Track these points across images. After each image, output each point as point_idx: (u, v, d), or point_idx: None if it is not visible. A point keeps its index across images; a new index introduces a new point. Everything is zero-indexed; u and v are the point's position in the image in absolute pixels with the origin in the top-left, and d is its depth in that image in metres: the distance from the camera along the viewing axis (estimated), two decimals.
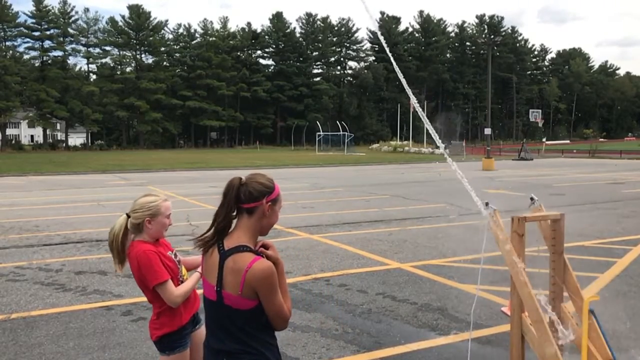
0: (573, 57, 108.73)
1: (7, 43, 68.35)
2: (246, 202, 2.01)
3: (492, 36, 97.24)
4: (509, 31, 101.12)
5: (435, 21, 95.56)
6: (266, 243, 2.08)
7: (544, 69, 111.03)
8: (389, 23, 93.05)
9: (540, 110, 58.44)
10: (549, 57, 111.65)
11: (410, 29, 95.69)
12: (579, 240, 8.82)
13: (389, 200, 15.13)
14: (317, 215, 12.02)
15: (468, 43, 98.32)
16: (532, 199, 4.14)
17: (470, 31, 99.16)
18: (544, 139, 56.23)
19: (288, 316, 2.03)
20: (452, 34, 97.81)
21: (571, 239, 8.38)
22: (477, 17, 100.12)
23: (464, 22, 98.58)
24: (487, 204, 3.86)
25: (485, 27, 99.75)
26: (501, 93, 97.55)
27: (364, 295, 5.95)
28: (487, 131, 34.01)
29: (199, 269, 2.80)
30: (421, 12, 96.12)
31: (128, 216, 2.75)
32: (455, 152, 48.15)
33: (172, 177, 25.66)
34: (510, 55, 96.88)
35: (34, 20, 69.07)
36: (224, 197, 2.05)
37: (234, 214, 2.05)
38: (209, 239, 2.05)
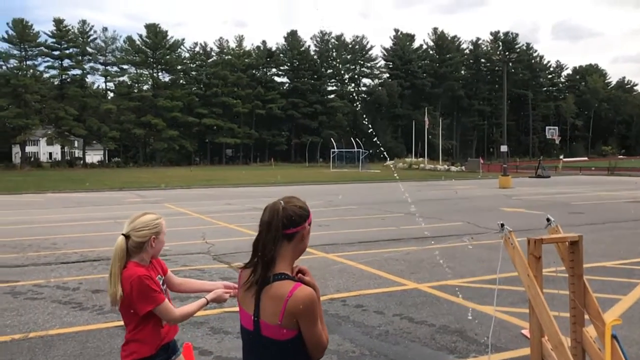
0: (589, 74, 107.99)
1: (28, 62, 69.87)
2: (288, 227, 1.94)
3: (507, 53, 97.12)
4: (524, 48, 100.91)
5: (449, 38, 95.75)
6: (302, 269, 2.00)
7: (560, 85, 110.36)
8: (403, 40, 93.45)
9: (556, 127, 57.97)
10: (564, 73, 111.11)
11: (425, 46, 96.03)
12: (600, 260, 8.66)
13: (405, 218, 15.04)
14: (332, 234, 11.98)
15: (483, 60, 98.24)
16: (548, 219, 4.09)
17: (485, 48, 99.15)
18: (561, 156, 55.69)
19: (326, 345, 1.95)
20: (467, 51, 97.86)
21: (591, 259, 8.24)
22: (491, 34, 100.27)
23: (478, 39, 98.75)
24: (502, 225, 3.83)
25: (500, 43, 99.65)
26: (517, 110, 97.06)
27: (381, 316, 5.90)
28: (504, 148, 33.77)
29: (208, 296, 2.75)
30: (435, 29, 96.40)
31: (126, 237, 2.62)
32: (471, 169, 47.85)
33: (188, 194, 25.82)
34: (525, 71, 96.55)
35: (54, 40, 70.54)
36: (268, 225, 1.93)
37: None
38: (259, 275, 1.93)
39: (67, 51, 71.39)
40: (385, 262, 8.78)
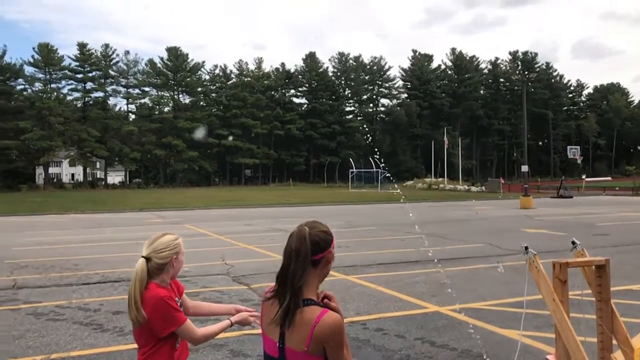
0: (611, 92, 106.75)
1: (52, 85, 71.49)
2: (315, 254, 1.92)
3: (526, 72, 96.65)
4: (544, 67, 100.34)
5: (468, 58, 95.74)
6: (328, 294, 1.97)
7: (581, 104, 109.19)
8: (421, 61, 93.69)
9: (578, 147, 57.15)
10: (585, 92, 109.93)
11: (443, 67, 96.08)
12: (627, 283, 8.44)
13: (425, 239, 14.90)
14: (352, 255, 11.90)
15: (502, 79, 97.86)
16: (573, 243, 4.01)
17: (504, 67, 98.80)
18: (583, 176, 54.85)
19: None
20: (486, 71, 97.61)
21: (618, 282, 8.03)
22: (510, 53, 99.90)
23: (497, 58, 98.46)
24: (526, 248, 3.76)
25: (519, 63, 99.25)
26: (537, 129, 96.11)
27: (402, 340, 5.81)
28: (524, 168, 33.40)
29: (233, 318, 2.73)
30: (453, 49, 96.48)
31: (146, 259, 2.60)
32: (492, 189, 47.36)
33: (208, 215, 25.97)
34: (545, 91, 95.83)
35: (77, 63, 72.17)
36: (297, 253, 1.90)
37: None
38: (287, 303, 1.88)
39: (90, 74, 72.94)
40: (406, 285, 8.68)
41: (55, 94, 70.13)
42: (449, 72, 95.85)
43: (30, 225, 20.95)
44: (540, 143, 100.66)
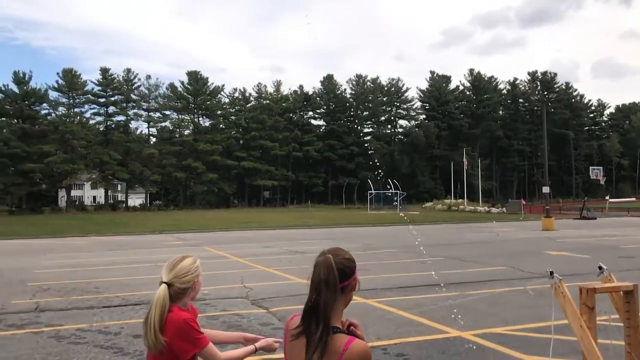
0: (633, 112, 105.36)
1: (76, 109, 73.03)
2: (342, 281, 1.92)
3: (545, 92, 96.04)
4: (563, 87, 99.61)
5: (486, 79, 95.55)
6: (353, 322, 1.96)
7: (603, 124, 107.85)
8: (439, 82, 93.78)
9: (601, 167, 56.22)
10: (607, 112, 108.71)
11: (461, 87, 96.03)
12: None
13: (446, 262, 14.72)
14: (371, 278, 11.78)
15: (521, 100, 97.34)
16: (600, 267, 3.92)
17: (523, 88, 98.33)
18: (607, 197, 53.90)
19: None
20: (504, 91, 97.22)
21: None
22: (529, 73, 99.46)
23: (515, 79, 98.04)
24: (551, 273, 3.68)
25: (538, 83, 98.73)
26: (558, 149, 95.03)
27: None
28: (546, 189, 32.96)
29: (258, 344, 2.71)
30: (471, 70, 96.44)
31: (168, 284, 2.57)
32: (512, 211, 46.78)
33: (227, 237, 26.04)
34: (565, 111, 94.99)
35: (100, 88, 73.68)
36: (326, 283, 1.87)
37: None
38: (321, 337, 1.84)
39: (113, 98, 74.38)
40: (427, 309, 8.56)
41: (78, 118, 71.57)
42: (468, 93, 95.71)
43: (53, 248, 21.21)
44: (562, 164, 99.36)
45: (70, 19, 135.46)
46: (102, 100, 73.99)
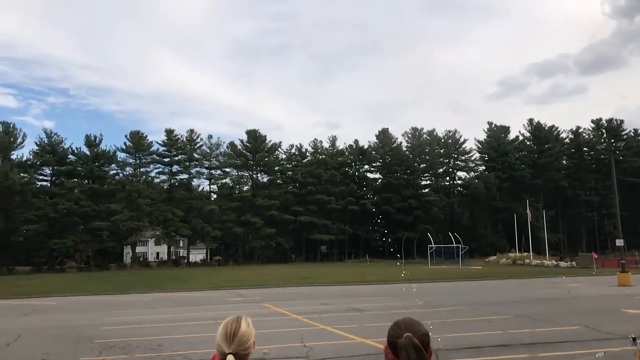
0: None
1: (142, 169, 76.47)
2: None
3: (612, 140, 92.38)
4: (632, 134, 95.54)
5: (546, 128, 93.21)
6: None
7: None
8: (497, 132, 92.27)
9: None
10: None
11: (521, 137, 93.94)
12: None
13: (514, 320, 13.98)
14: (433, 338, 11.21)
15: (585, 149, 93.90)
16: (634, 339, 3.57)
17: (587, 136, 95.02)
18: None
19: None
20: (567, 140, 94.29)
21: None
22: (592, 121, 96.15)
23: (578, 127, 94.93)
24: (634, 339, 3.39)
25: (604, 131, 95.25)
26: (630, 199, 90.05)
27: None
28: (619, 242, 31.11)
29: None
30: (531, 120, 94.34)
31: (234, 355, 2.52)
32: (583, 265, 44.35)
33: (285, 293, 25.92)
34: (636, 159, 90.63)
35: (165, 148, 77.13)
36: None
37: None
38: None
39: (176, 158, 77.55)
40: None
41: (144, 177, 74.79)
42: (528, 142, 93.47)
43: (118, 304, 21.76)
44: (636, 214, 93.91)
45: (138, 85, 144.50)
46: (166, 159, 77.26)
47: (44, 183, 71.60)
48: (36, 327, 15.17)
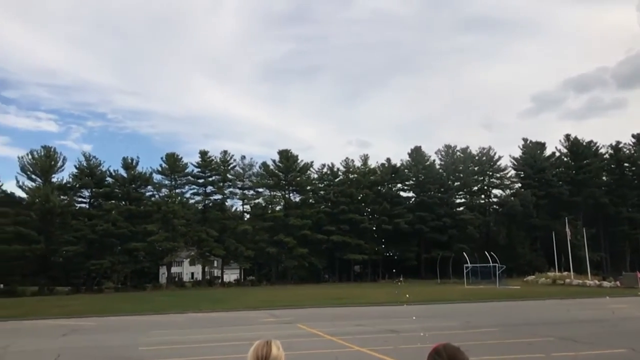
0: None
1: (177, 190, 77.78)
2: None
3: None
4: None
5: (584, 144, 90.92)
6: None
7: None
8: (533, 149, 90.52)
9: None
10: None
11: (558, 154, 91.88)
12: None
13: (556, 343, 13.48)
14: None
15: (626, 164, 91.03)
16: None
17: (627, 151, 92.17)
18: None
19: None
20: (606, 156, 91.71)
21: None
22: (633, 136, 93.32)
23: (618, 142, 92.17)
24: None
25: None
26: None
27: None
28: None
29: None
30: (568, 135, 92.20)
31: None
32: (628, 285, 42.68)
33: (319, 313, 25.71)
34: None
35: (199, 169, 78.34)
36: None
37: None
38: None
39: (210, 178, 78.62)
40: None
41: (179, 198, 76.01)
42: (565, 159, 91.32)
43: (154, 325, 21.95)
44: None
45: (173, 108, 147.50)
46: (200, 180, 78.40)
47: (83, 205, 73.64)
48: (75, 347, 15.41)
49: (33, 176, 67.80)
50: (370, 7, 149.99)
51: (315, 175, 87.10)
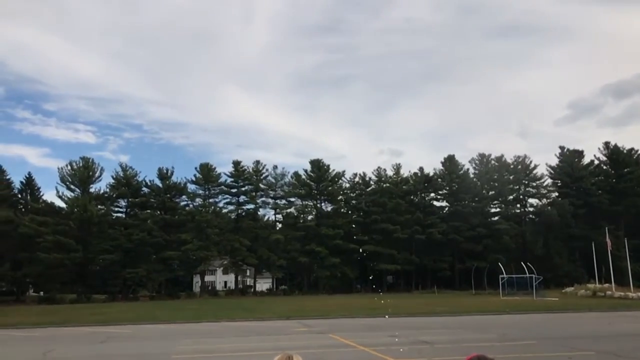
0: None
1: (210, 200, 78.77)
2: None
3: None
4: None
5: (625, 151, 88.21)
6: None
7: None
8: (570, 157, 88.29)
9: None
10: None
11: (597, 162, 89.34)
12: None
13: (596, 357, 13.01)
14: None
15: None
16: None
17: None
18: None
19: None
20: None
21: None
22: None
23: None
24: None
25: None
26: None
27: None
28: None
29: None
30: (607, 143, 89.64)
31: None
32: None
33: (351, 324, 25.52)
34: None
35: (232, 179, 79.16)
36: None
37: None
38: None
39: (243, 188, 79.32)
40: None
41: (212, 207, 76.94)
42: (604, 167, 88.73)
43: (188, 333, 22.16)
44: None
45: (207, 119, 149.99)
46: (233, 190, 79.18)
47: (120, 214, 75.25)
48: (111, 354, 15.68)
49: (72, 186, 69.69)
50: (401, 16, 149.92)
51: (347, 185, 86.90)
